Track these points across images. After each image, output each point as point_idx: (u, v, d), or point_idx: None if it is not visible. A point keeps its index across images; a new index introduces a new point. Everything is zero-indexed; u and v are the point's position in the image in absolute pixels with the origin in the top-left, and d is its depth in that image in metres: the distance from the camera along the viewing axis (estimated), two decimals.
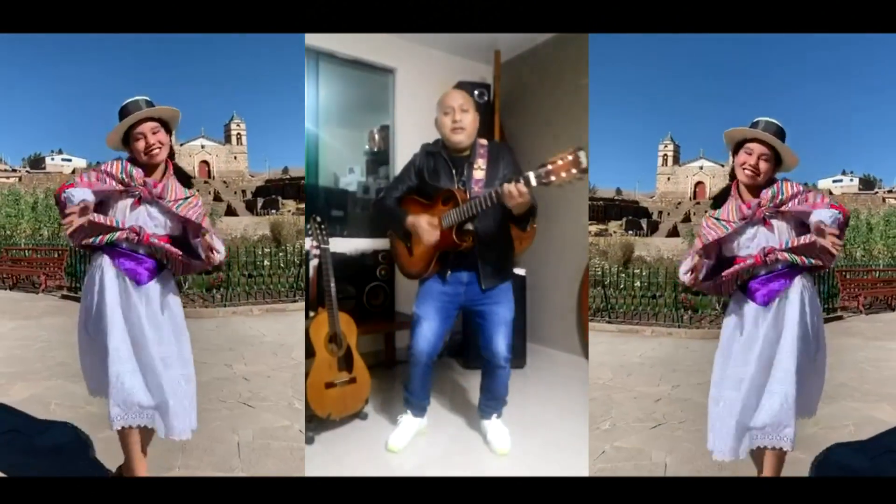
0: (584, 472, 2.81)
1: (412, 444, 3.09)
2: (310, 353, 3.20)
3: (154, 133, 2.24)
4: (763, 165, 2.21)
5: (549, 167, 2.31)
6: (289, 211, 27.79)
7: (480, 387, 3.17)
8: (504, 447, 3.03)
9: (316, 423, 3.17)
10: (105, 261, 2.22)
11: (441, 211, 2.76)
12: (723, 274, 2.23)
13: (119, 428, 2.21)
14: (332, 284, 3.21)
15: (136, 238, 2.20)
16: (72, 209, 2.06)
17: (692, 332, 7.44)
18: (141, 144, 2.23)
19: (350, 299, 4.29)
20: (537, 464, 2.92)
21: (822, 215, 2.05)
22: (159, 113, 2.28)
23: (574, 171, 2.26)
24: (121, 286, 2.21)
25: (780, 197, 2.20)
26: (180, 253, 2.25)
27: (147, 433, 2.33)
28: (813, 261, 2.14)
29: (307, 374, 3.14)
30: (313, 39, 4.70)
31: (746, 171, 2.22)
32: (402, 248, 3.00)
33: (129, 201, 2.23)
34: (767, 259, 2.18)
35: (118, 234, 2.18)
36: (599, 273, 8.85)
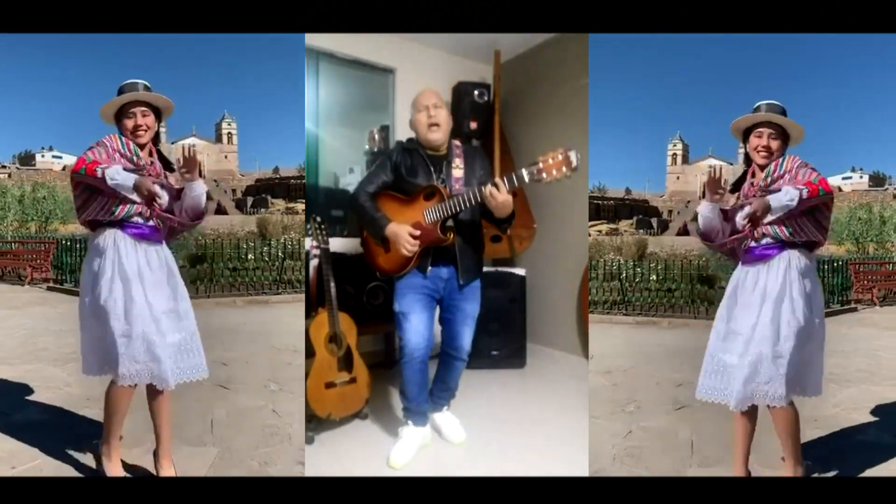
0: (584, 471, 2.81)
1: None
2: (310, 353, 3.20)
3: (144, 116, 2.41)
4: (774, 144, 2.38)
5: (541, 165, 2.38)
6: (278, 210, 27.87)
7: (435, 377, 3.13)
8: (461, 437, 3.12)
9: (316, 423, 3.17)
10: (118, 234, 2.37)
11: (424, 206, 2.76)
12: (723, 242, 2.47)
13: (130, 384, 2.35)
14: (332, 284, 3.22)
15: (149, 212, 2.38)
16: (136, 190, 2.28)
17: (710, 322, 7.40)
18: (130, 123, 2.40)
19: (350, 299, 4.29)
20: (537, 463, 2.92)
21: (776, 199, 2.24)
22: (154, 100, 2.46)
23: (565, 169, 2.36)
24: (137, 254, 2.38)
25: (775, 173, 2.36)
26: (187, 222, 2.50)
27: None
28: (791, 233, 2.31)
29: (307, 375, 3.14)
30: (313, 39, 4.70)
31: (761, 153, 2.39)
32: (376, 245, 2.95)
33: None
34: (755, 233, 2.35)
35: (136, 206, 2.35)
36: (615, 267, 8.90)
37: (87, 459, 2.67)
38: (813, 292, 2.37)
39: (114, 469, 2.48)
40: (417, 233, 2.74)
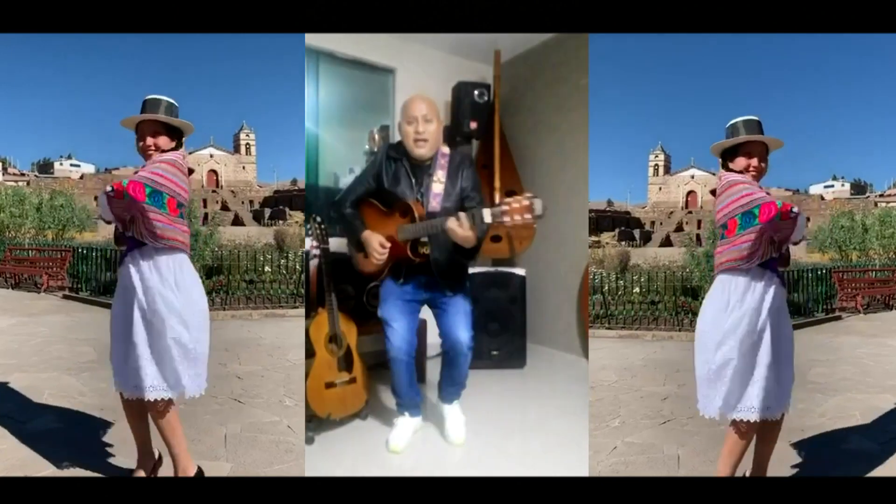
0: (584, 472, 2.81)
1: (411, 444, 3.09)
2: (310, 353, 3.20)
3: (153, 136, 2.39)
4: (763, 164, 2.38)
5: (505, 208, 2.37)
6: (296, 222, 27.84)
7: (442, 375, 3.19)
8: (460, 438, 3.12)
9: (316, 423, 3.17)
10: (126, 258, 2.36)
11: (398, 222, 2.84)
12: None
13: (124, 396, 2.35)
14: (332, 284, 3.22)
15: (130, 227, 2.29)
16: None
17: (693, 335, 7.40)
18: (140, 144, 2.42)
19: (350, 299, 4.28)
20: (537, 464, 2.93)
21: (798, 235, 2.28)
22: (168, 121, 2.42)
23: (527, 216, 2.33)
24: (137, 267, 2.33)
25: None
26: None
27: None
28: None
29: (307, 375, 3.14)
30: (313, 39, 4.70)
31: (753, 174, 2.36)
32: (357, 248, 3.04)
33: None
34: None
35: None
36: (598, 281, 8.85)
37: (100, 468, 2.67)
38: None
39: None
40: (388, 244, 2.84)
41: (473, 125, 4.95)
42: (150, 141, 2.38)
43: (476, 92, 4.95)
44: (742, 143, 2.36)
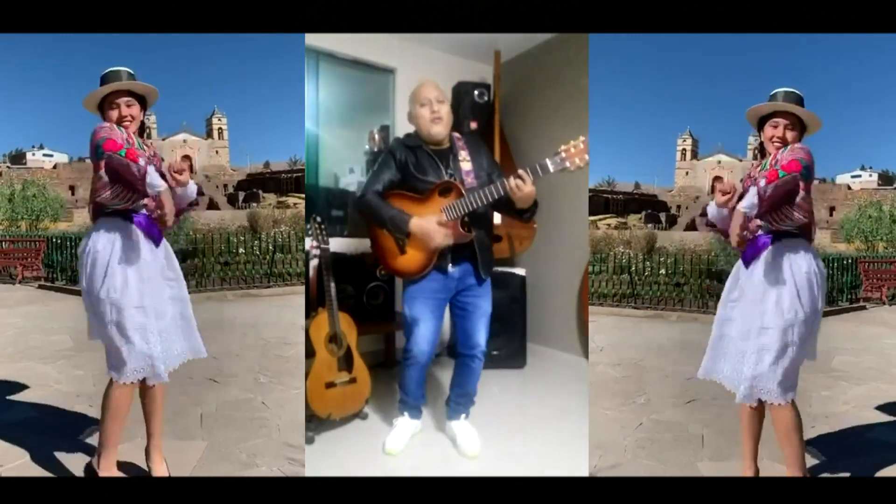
0: (584, 472, 2.81)
1: (411, 443, 3.09)
2: (310, 352, 3.20)
3: (128, 106, 2.33)
4: (790, 135, 2.31)
5: (563, 154, 2.43)
6: (269, 204, 28.05)
7: (452, 381, 3.12)
8: (474, 450, 2.99)
9: (316, 423, 3.16)
10: (122, 224, 2.29)
11: (440, 202, 2.71)
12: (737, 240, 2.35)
13: (132, 381, 2.30)
14: (332, 284, 3.22)
15: (154, 206, 2.27)
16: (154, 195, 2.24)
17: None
18: (115, 114, 2.32)
19: (350, 299, 4.28)
20: (537, 464, 2.92)
21: (744, 205, 2.23)
22: (138, 88, 2.37)
23: (585, 157, 2.41)
24: (140, 245, 2.33)
25: (772, 160, 2.28)
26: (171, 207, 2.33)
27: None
28: (780, 223, 2.22)
29: (307, 375, 3.14)
30: (313, 39, 4.70)
31: (775, 144, 2.32)
32: (391, 245, 2.83)
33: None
34: (750, 225, 2.29)
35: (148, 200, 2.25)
36: (625, 261, 8.97)
37: (77, 458, 2.65)
38: (811, 280, 2.26)
39: (110, 473, 2.41)
40: (446, 221, 2.69)
41: (473, 125, 4.94)
42: (125, 111, 2.32)
43: (476, 92, 4.95)
44: (772, 113, 2.33)
